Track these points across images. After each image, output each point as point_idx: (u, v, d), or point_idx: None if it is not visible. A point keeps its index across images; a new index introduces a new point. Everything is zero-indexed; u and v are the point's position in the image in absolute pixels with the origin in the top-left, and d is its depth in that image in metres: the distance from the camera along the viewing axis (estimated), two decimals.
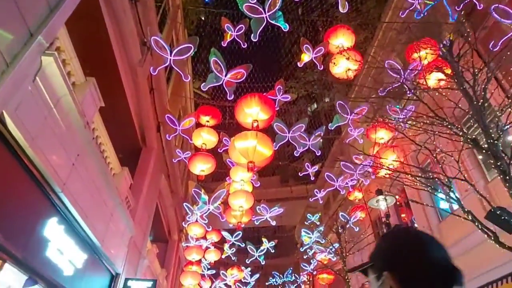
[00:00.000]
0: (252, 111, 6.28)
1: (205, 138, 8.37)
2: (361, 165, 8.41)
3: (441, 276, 0.94)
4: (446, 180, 5.54)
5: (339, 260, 8.91)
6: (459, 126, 5.65)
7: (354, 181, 12.50)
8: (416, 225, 9.95)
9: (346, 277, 8.20)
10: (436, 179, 5.86)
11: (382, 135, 8.26)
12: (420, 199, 10.41)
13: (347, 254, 8.82)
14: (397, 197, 6.03)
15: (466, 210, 5.13)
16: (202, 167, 8.00)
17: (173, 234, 16.36)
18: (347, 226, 10.16)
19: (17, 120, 3.76)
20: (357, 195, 12.33)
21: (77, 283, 5.99)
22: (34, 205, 4.54)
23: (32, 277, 4.36)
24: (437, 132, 5.88)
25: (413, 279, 0.94)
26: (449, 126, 5.47)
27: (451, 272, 0.96)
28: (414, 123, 6.50)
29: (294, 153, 10.00)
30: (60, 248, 5.12)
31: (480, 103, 5.30)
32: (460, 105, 5.68)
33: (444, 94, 6.20)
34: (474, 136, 5.45)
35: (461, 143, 5.58)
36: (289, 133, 8.80)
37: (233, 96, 7.67)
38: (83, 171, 5.54)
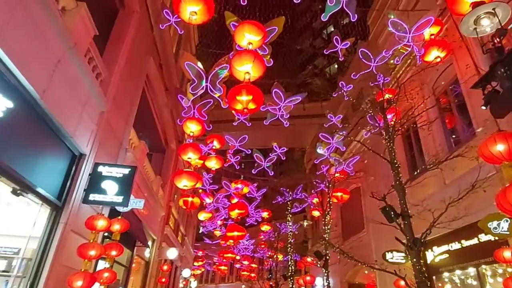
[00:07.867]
0: None
1: None
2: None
3: None
4: None
5: (384, 139, 6.78)
6: None
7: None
8: None
9: (395, 162, 6.19)
10: None
11: None
12: None
13: (399, 129, 6.72)
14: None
15: None
16: (192, 8, 5.55)
17: (171, 143, 14.55)
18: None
19: None
20: (387, 96, 9.98)
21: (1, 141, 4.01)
22: None
23: None
24: None
25: None
26: None
27: None
28: None
29: (322, 17, 7.48)
30: None
31: None
32: None
33: None
34: None
35: None
36: None
37: None
38: None
